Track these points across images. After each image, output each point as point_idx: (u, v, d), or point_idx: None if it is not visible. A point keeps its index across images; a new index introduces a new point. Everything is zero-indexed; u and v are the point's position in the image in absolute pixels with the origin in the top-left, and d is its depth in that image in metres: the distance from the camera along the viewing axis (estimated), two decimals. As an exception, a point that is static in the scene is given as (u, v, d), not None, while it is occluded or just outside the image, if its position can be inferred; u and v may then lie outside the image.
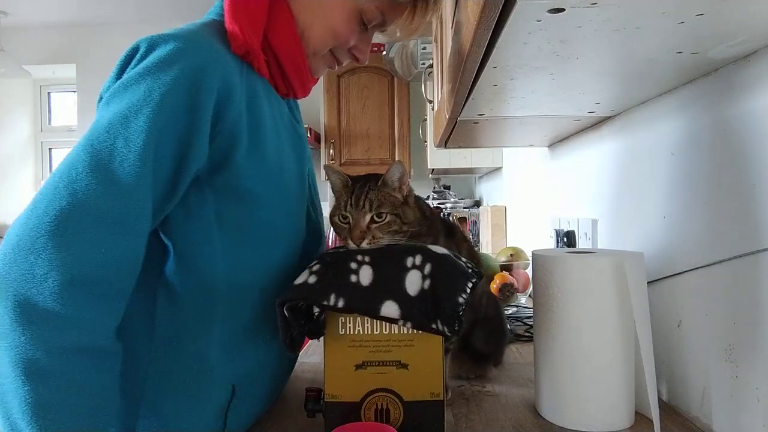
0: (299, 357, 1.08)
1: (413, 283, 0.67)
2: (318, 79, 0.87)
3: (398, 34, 0.86)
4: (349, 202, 0.75)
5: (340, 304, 0.65)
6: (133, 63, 0.66)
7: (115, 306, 0.61)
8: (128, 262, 0.61)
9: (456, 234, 0.86)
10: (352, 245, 0.72)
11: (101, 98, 0.67)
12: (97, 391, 0.59)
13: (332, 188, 0.79)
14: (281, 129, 0.79)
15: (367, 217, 0.73)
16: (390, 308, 0.65)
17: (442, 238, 0.82)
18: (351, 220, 0.74)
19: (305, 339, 0.72)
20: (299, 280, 0.69)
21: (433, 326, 0.65)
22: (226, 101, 0.67)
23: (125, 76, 0.64)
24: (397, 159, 3.59)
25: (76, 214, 0.57)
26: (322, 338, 0.69)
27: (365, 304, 0.66)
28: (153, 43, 0.65)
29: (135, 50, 0.66)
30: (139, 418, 0.71)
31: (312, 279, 0.68)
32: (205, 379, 0.72)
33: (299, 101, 0.92)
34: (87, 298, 0.58)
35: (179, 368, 0.71)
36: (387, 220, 0.73)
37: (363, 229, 0.73)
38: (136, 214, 0.61)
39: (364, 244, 0.72)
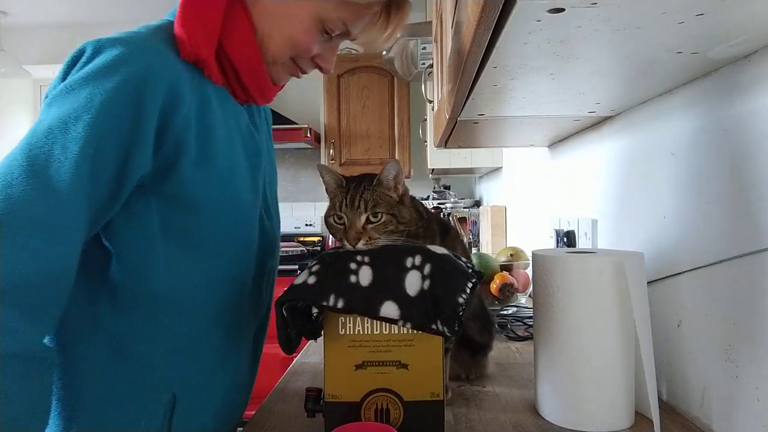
0: (299, 357, 1.08)
1: (413, 283, 0.67)
2: (282, 86, 0.85)
3: (373, 43, 0.84)
4: (344, 202, 0.74)
5: (340, 304, 0.65)
6: (77, 66, 0.65)
7: (46, 314, 0.60)
8: (60, 271, 0.60)
9: (450, 233, 0.86)
10: (348, 246, 0.72)
11: (47, 96, 0.65)
12: (25, 397, 0.58)
13: (326, 189, 0.78)
14: (235, 137, 0.78)
15: (363, 218, 0.72)
16: (390, 309, 0.65)
17: (439, 239, 0.82)
18: (346, 221, 0.73)
19: (302, 340, 0.72)
20: (299, 280, 0.69)
21: (433, 326, 0.65)
22: (173, 110, 0.66)
23: (69, 79, 0.63)
24: (396, 159, 3.61)
25: (8, 219, 0.57)
26: (321, 338, 0.69)
27: (365, 304, 0.66)
28: (99, 47, 0.64)
29: (81, 53, 0.65)
30: (75, 422, 0.70)
31: (311, 279, 0.68)
32: (146, 384, 0.73)
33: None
34: (14, 306, 0.56)
35: (121, 372, 0.72)
36: (383, 220, 0.73)
37: (359, 229, 0.72)
38: (70, 223, 0.60)
39: (360, 245, 0.71)
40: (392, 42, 0.85)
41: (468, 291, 0.68)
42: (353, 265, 0.68)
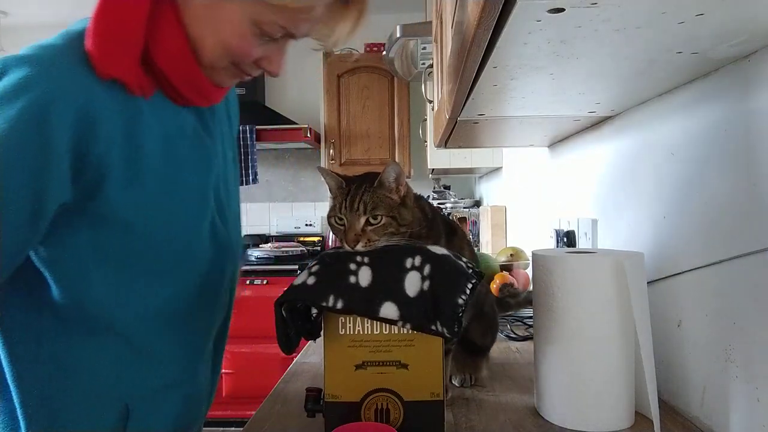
0: (299, 357, 1.08)
1: (412, 284, 0.67)
2: (231, 86, 0.81)
3: (335, 40, 0.77)
4: (344, 204, 0.73)
5: (339, 305, 0.65)
6: None
7: None
8: None
9: (457, 233, 0.86)
10: (347, 248, 0.72)
11: None
12: None
13: (329, 190, 0.78)
14: (177, 145, 0.74)
15: (362, 220, 0.72)
16: (389, 309, 0.65)
17: (444, 239, 0.81)
18: (346, 223, 0.73)
19: (301, 340, 0.72)
20: (298, 281, 0.69)
21: (433, 327, 0.65)
22: (88, 134, 0.63)
23: None
24: (396, 159, 3.61)
25: None
26: (321, 338, 0.69)
27: (364, 305, 0.66)
28: (5, 68, 0.61)
29: None
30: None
31: (311, 280, 0.68)
32: (95, 396, 0.72)
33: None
34: None
35: (69, 384, 0.71)
36: (382, 222, 0.72)
37: (358, 231, 0.72)
38: None
39: (359, 247, 0.71)
40: (353, 36, 0.76)
41: (468, 292, 0.68)
42: (353, 266, 0.68)
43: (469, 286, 0.69)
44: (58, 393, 0.71)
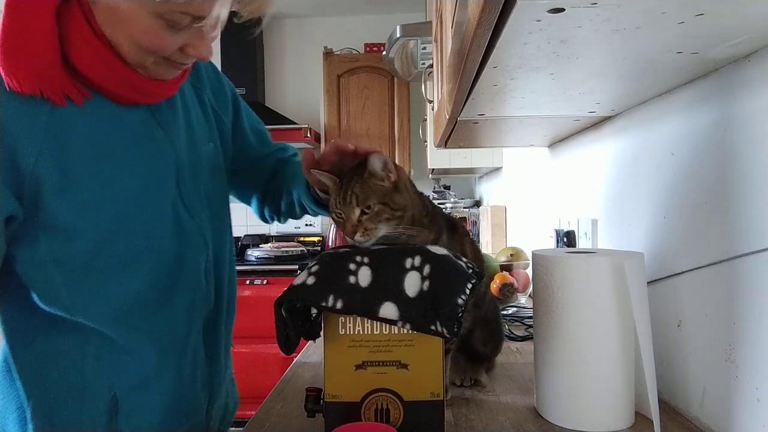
0: (299, 357, 1.08)
1: (412, 284, 0.67)
2: (183, 75, 0.81)
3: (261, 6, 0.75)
4: (338, 198, 0.75)
5: (339, 305, 0.65)
6: None
7: None
8: None
9: (458, 230, 0.86)
10: (350, 241, 0.74)
11: None
12: None
13: (329, 190, 0.78)
14: (116, 143, 0.75)
15: (357, 211, 0.73)
16: (388, 309, 0.65)
17: (446, 234, 0.81)
18: (344, 216, 0.74)
19: (300, 340, 0.72)
20: (298, 281, 0.69)
21: (432, 328, 0.65)
22: (17, 149, 0.66)
23: None
24: (397, 159, 3.61)
25: None
26: (321, 338, 0.69)
27: (364, 305, 0.66)
28: None
29: None
30: (31, 424, 0.75)
31: (311, 280, 0.68)
32: (84, 388, 0.76)
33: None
34: None
35: (56, 377, 0.76)
36: (375, 210, 0.73)
37: (354, 222, 0.73)
38: None
39: (359, 237, 0.72)
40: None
41: (468, 292, 0.68)
42: (352, 266, 0.69)
43: (469, 286, 0.69)
44: (53, 387, 0.76)
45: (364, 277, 0.67)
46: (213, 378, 0.91)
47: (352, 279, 0.67)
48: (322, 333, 0.69)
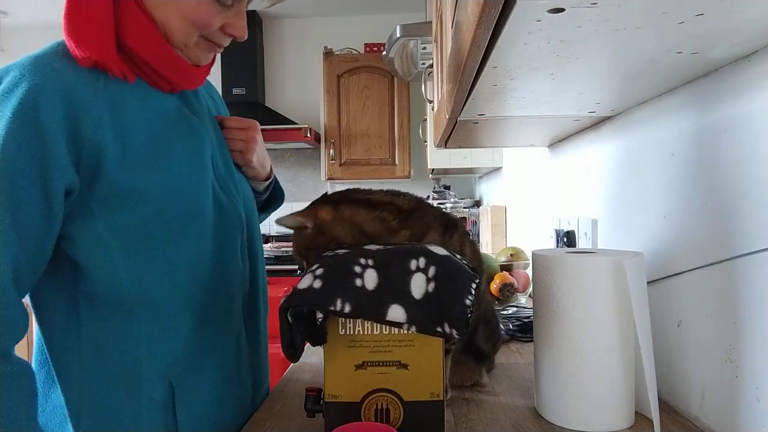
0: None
1: (418, 286, 0.67)
2: (210, 65, 0.86)
3: None
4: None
5: (347, 309, 0.65)
6: None
7: None
8: None
9: (458, 229, 0.85)
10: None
11: None
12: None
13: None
14: (162, 123, 0.79)
15: (303, 262, 0.80)
16: (396, 312, 0.65)
17: (436, 232, 0.81)
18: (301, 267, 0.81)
19: (305, 347, 0.72)
20: (303, 285, 0.67)
21: (438, 329, 0.65)
22: (77, 116, 0.69)
23: None
24: (396, 159, 3.61)
25: None
26: (322, 339, 0.69)
27: (372, 308, 0.65)
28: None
29: None
30: (83, 425, 0.75)
31: (317, 283, 0.67)
32: (138, 376, 0.76)
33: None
34: None
35: (108, 371, 0.76)
36: (305, 255, 0.79)
37: (304, 267, 0.78)
38: None
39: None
40: None
41: (473, 292, 0.68)
42: (358, 269, 0.68)
43: (473, 285, 0.69)
44: (100, 380, 0.76)
45: (371, 279, 0.67)
46: (255, 363, 0.93)
47: (358, 282, 0.67)
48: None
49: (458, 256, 0.73)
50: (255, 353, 0.93)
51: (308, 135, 3.42)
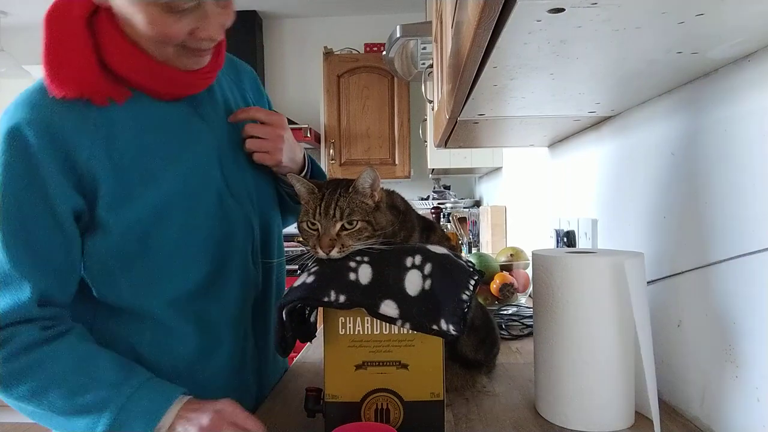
0: (299, 357, 1.08)
1: (413, 282, 0.67)
2: (213, 64, 0.83)
3: None
4: (318, 209, 0.71)
5: (341, 299, 0.65)
6: None
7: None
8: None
9: (436, 231, 0.85)
10: (321, 253, 0.69)
11: None
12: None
13: (298, 195, 0.77)
14: (156, 136, 0.80)
15: (338, 225, 0.70)
16: (389, 307, 0.65)
17: (418, 233, 0.81)
18: (320, 228, 0.71)
19: (296, 342, 0.72)
20: (298, 282, 0.68)
21: (434, 327, 0.65)
22: (68, 145, 0.72)
23: None
24: (396, 159, 3.61)
25: None
26: (321, 338, 0.69)
27: (364, 299, 0.65)
28: None
29: None
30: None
31: (310, 279, 0.68)
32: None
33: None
34: None
35: None
36: (358, 227, 0.70)
37: (332, 237, 0.69)
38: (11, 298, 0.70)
39: (334, 252, 0.69)
40: None
41: (471, 288, 0.68)
42: (352, 264, 0.68)
43: (472, 282, 0.69)
44: None
45: (365, 274, 0.67)
46: (262, 368, 0.93)
47: (352, 276, 0.67)
48: (319, 333, 0.69)
49: (461, 257, 0.73)
50: (263, 358, 0.93)
51: (308, 135, 3.42)
